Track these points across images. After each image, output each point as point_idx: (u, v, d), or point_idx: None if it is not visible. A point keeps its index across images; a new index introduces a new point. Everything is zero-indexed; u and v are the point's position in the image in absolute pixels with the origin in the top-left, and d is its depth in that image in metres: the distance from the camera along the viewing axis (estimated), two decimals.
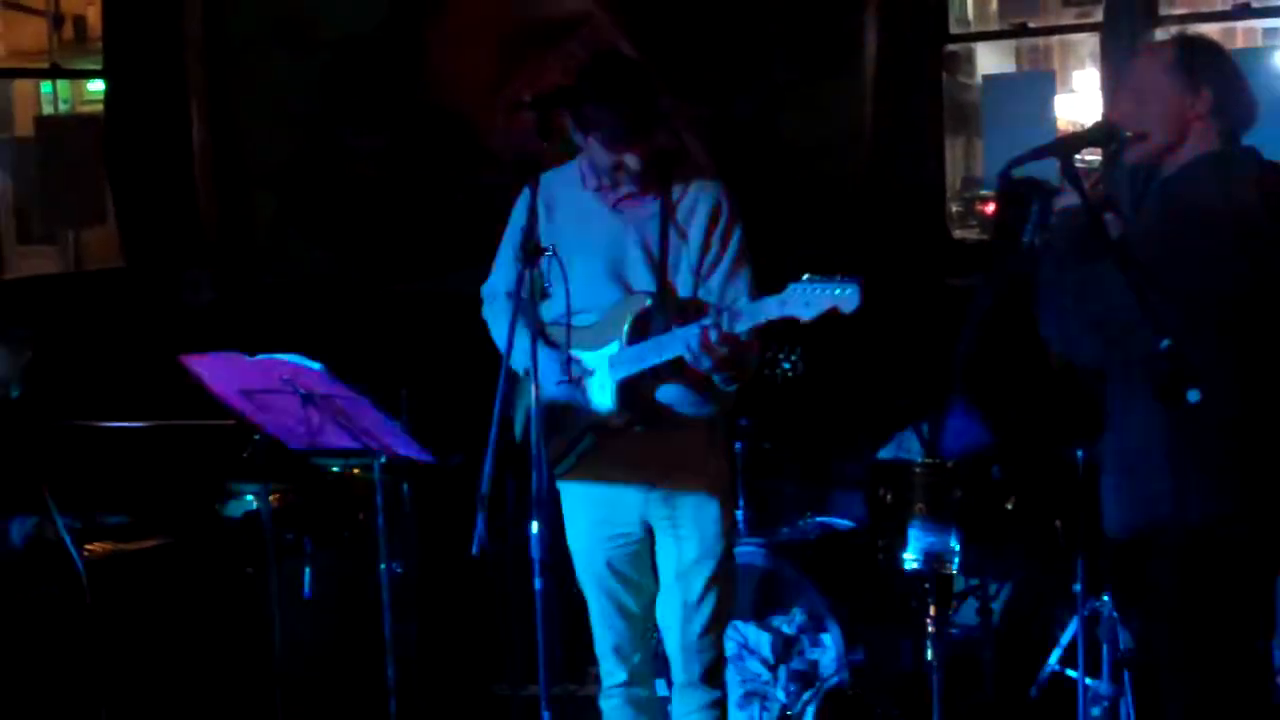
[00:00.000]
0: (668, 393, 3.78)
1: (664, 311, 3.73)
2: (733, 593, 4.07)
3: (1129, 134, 3.40)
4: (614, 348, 3.74)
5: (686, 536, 3.89)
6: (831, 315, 3.34)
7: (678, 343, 3.61)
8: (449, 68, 6.80)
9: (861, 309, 3.30)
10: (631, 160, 3.69)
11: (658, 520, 3.91)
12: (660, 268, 3.77)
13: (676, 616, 3.95)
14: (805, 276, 3.40)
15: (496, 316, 4.00)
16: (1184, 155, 3.38)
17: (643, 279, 3.78)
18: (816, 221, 6.22)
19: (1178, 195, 3.36)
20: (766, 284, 3.63)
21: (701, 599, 3.91)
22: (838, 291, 3.32)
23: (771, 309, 3.46)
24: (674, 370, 3.70)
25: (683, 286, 3.78)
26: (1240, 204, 3.28)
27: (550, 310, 3.74)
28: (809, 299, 3.37)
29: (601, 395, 3.77)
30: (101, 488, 4.77)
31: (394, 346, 5.67)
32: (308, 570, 4.83)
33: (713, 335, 3.50)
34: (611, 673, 4.07)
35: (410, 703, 4.44)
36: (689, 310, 3.73)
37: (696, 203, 3.79)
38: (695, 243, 3.78)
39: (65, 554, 4.11)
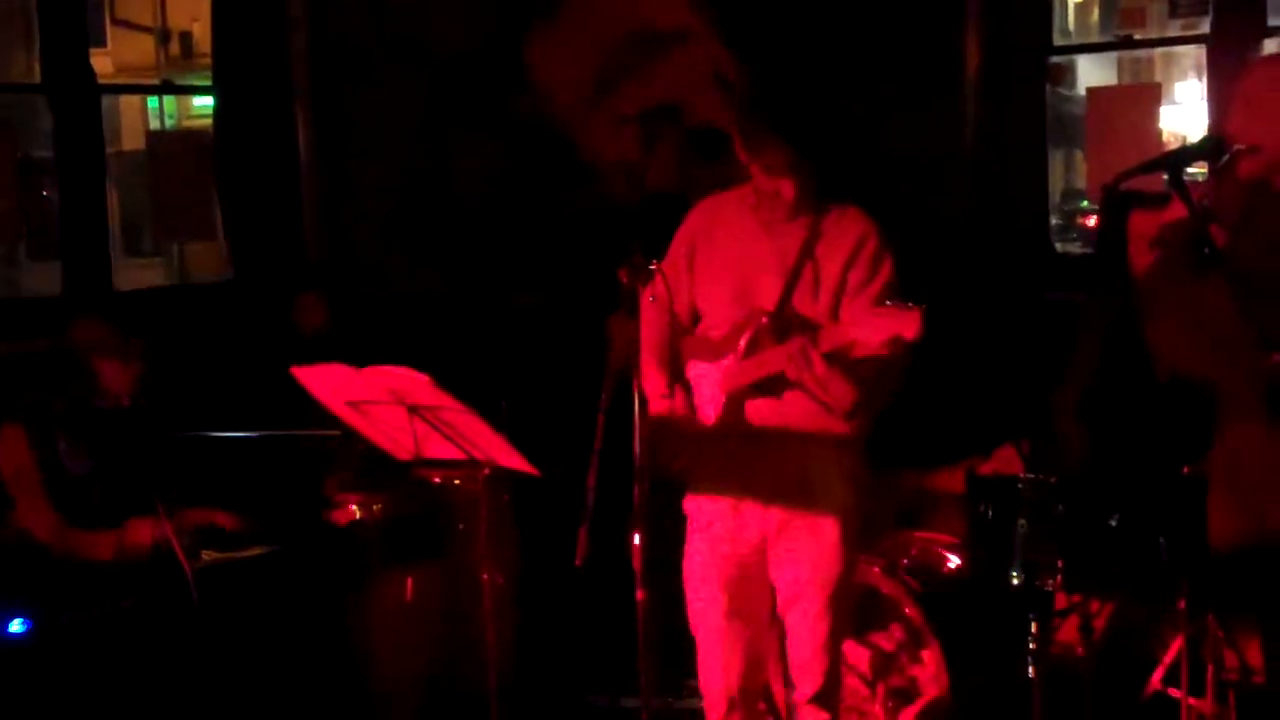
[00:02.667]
0: (776, 408, 3.78)
1: (779, 332, 3.74)
2: (849, 615, 4.06)
3: (1240, 147, 3.37)
4: (729, 361, 3.77)
5: (802, 558, 3.88)
6: (896, 339, 3.38)
7: (779, 358, 3.63)
8: (552, 83, 6.84)
9: (926, 334, 3.33)
10: (787, 189, 3.74)
11: (773, 540, 3.90)
12: (788, 288, 3.78)
13: (791, 638, 3.95)
14: (886, 301, 3.43)
15: None
16: None
17: (769, 297, 3.80)
18: (918, 236, 6.19)
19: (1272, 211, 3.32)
20: None
21: (815, 621, 3.90)
22: (900, 317, 3.36)
23: (847, 331, 3.52)
24: (781, 387, 3.71)
25: (808, 308, 3.78)
26: None
27: (700, 326, 3.84)
28: (876, 322, 3.43)
29: (709, 408, 3.79)
30: (210, 497, 4.85)
31: (496, 360, 5.71)
32: (409, 580, 4.87)
33: (793, 351, 3.54)
34: (715, 707, 4.01)
35: (509, 711, 4.47)
36: (810, 331, 3.73)
37: (843, 234, 3.81)
38: (831, 272, 3.78)
39: (175, 561, 4.18)
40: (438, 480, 5.24)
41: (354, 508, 5.03)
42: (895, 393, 3.75)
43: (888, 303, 3.45)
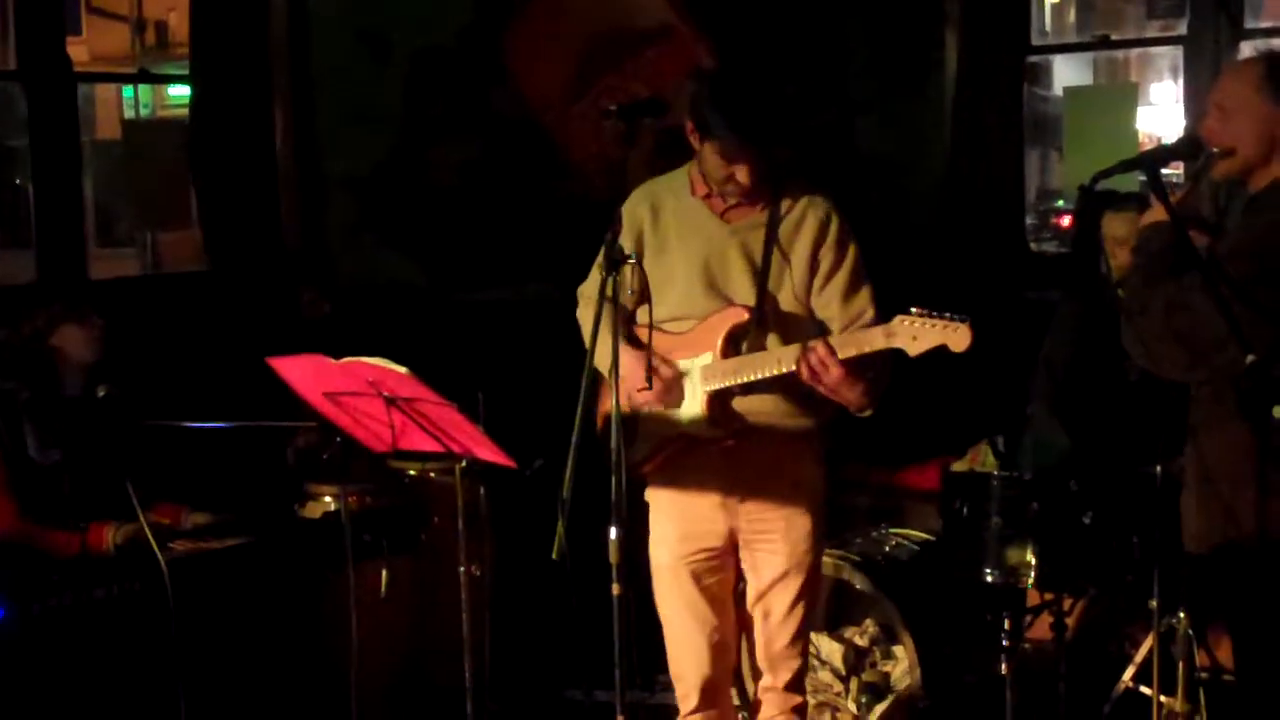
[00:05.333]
0: (762, 406, 3.77)
1: (762, 327, 3.73)
2: (818, 604, 4.07)
3: (1216, 149, 3.39)
4: (707, 358, 3.74)
5: (776, 550, 3.87)
6: (940, 352, 3.35)
7: (773, 361, 3.63)
8: (529, 77, 6.85)
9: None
10: (742, 174, 3.68)
11: (747, 532, 3.89)
12: (762, 281, 3.75)
13: (763, 629, 3.94)
14: (913, 309, 3.41)
15: (588, 319, 4.03)
16: (1274, 170, 3.37)
17: (743, 291, 3.76)
18: (895, 234, 6.21)
19: (1266, 211, 3.35)
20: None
21: (789, 612, 3.90)
22: (948, 330, 3.33)
23: (877, 339, 3.47)
24: (771, 384, 3.69)
25: (785, 302, 3.75)
26: None
27: (645, 316, 3.77)
28: (917, 333, 3.38)
29: (691, 404, 3.78)
30: (183, 487, 4.84)
31: (472, 353, 5.71)
32: (384, 572, 4.87)
33: (814, 360, 3.52)
34: (687, 696, 4.00)
35: (484, 705, 4.47)
36: (791, 326, 3.72)
37: (804, 217, 3.76)
38: (800, 258, 3.74)
39: (148, 552, 4.16)
40: (414, 472, 5.24)
41: (328, 499, 5.02)
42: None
43: (915, 310, 3.39)
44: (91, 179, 10.76)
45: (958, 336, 3.33)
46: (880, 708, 4.75)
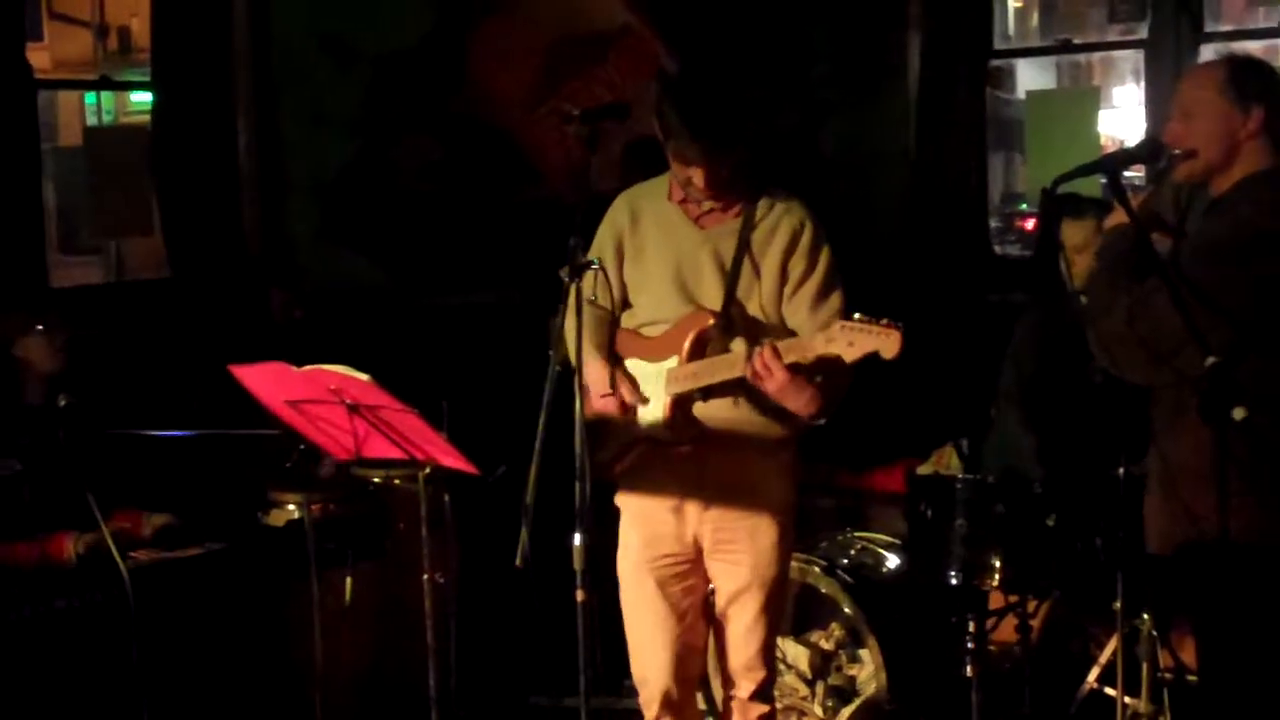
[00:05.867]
0: (729, 414, 3.77)
1: (728, 332, 3.73)
2: (784, 612, 4.07)
3: (1177, 152, 3.41)
4: (672, 362, 3.75)
5: (740, 561, 3.86)
6: (874, 359, 3.38)
7: (727, 365, 3.63)
8: (492, 82, 6.84)
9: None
10: (698, 176, 3.68)
11: (711, 540, 3.88)
12: (731, 286, 3.75)
13: (728, 639, 3.94)
14: (854, 315, 3.43)
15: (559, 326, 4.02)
16: (1235, 174, 3.38)
17: (711, 296, 3.76)
18: (858, 237, 6.22)
19: (1227, 213, 3.36)
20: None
21: (753, 624, 3.89)
22: (880, 336, 3.35)
23: (816, 344, 3.50)
24: (733, 390, 3.70)
25: (753, 308, 3.76)
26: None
27: (630, 320, 3.80)
28: (853, 339, 3.41)
29: (655, 408, 3.78)
30: (146, 496, 4.81)
31: (437, 359, 5.70)
32: (349, 580, 4.85)
33: (757, 363, 3.53)
34: (650, 702, 3.99)
35: (450, 713, 4.45)
36: (759, 333, 3.72)
37: (778, 224, 3.76)
38: (771, 266, 3.75)
39: (110, 561, 4.13)
40: (378, 480, 5.22)
41: (292, 507, 5.00)
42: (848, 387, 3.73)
43: (857, 316, 3.41)
44: (54, 186, 10.69)
45: (889, 343, 3.35)
46: (846, 711, 4.75)
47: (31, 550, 4.40)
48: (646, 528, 3.92)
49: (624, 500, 3.99)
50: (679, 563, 3.92)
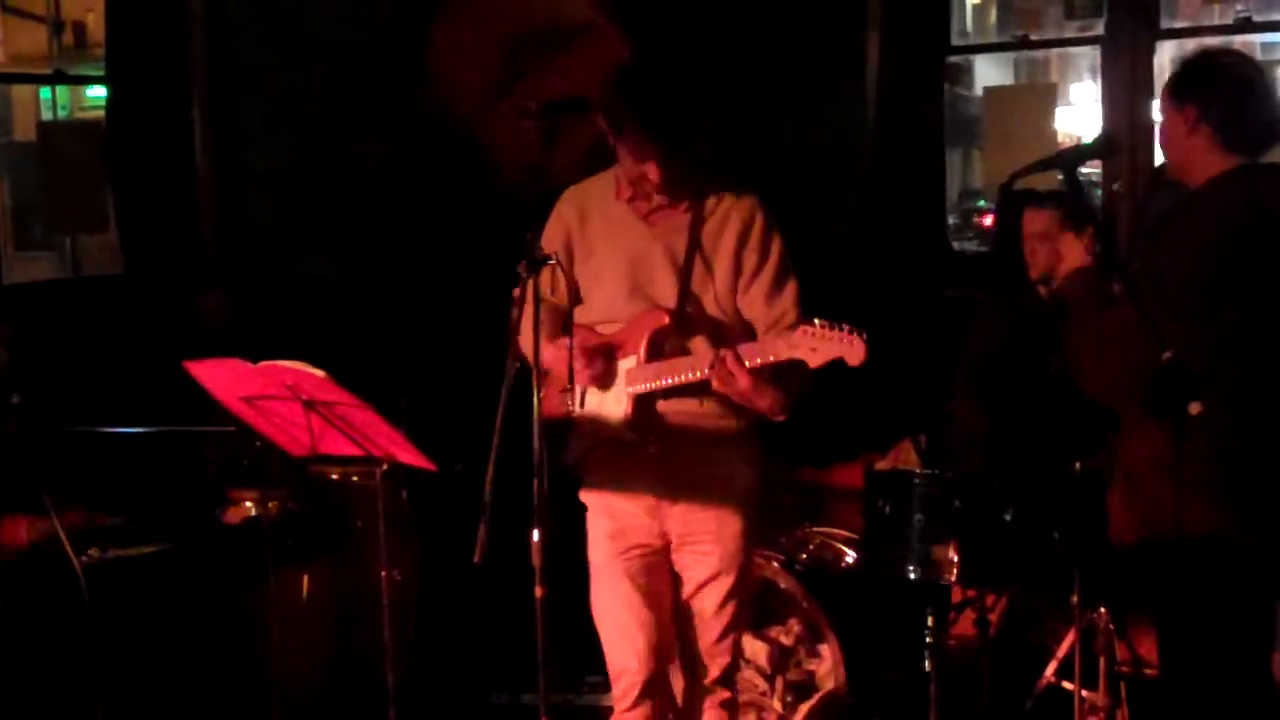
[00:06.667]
0: (687, 406, 3.76)
1: (683, 329, 3.72)
2: (750, 601, 4.07)
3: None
4: (631, 361, 3.73)
5: (708, 551, 3.86)
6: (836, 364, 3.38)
7: (689, 368, 3.62)
8: (452, 76, 6.81)
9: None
10: (652, 171, 3.66)
11: (679, 534, 3.88)
12: (684, 283, 3.74)
13: (694, 626, 3.94)
14: (816, 320, 3.43)
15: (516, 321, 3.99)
16: (1196, 176, 3.38)
17: (666, 293, 3.75)
18: (817, 233, 6.23)
19: (1204, 214, 3.35)
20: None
21: (719, 609, 3.89)
22: (844, 342, 3.36)
23: (780, 350, 3.49)
24: (694, 388, 3.69)
25: (708, 303, 3.75)
26: (1245, 224, 3.28)
27: (582, 316, 3.77)
28: (816, 344, 3.41)
29: (616, 407, 3.77)
30: (101, 493, 4.77)
31: (395, 354, 5.67)
32: (306, 577, 4.82)
33: (720, 370, 3.53)
34: (627, 691, 3.95)
35: (408, 710, 4.44)
36: (715, 327, 3.72)
37: (728, 217, 3.75)
38: (724, 259, 3.73)
39: (64, 558, 4.09)
40: (335, 476, 5.19)
41: (249, 504, 4.97)
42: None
43: (818, 321, 3.41)
44: (8, 181, 10.61)
45: (853, 350, 3.36)
46: (805, 706, 4.75)
47: None
48: (613, 522, 3.91)
49: (589, 496, 3.98)
50: (648, 554, 3.92)
